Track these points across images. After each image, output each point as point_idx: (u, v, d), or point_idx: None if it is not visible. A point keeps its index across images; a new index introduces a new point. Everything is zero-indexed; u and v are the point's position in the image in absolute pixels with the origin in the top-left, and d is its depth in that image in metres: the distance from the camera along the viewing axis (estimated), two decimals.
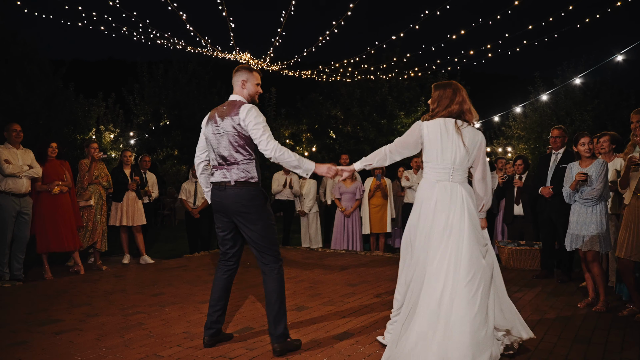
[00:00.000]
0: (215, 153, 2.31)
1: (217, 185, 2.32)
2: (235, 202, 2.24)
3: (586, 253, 3.11)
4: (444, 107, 2.21)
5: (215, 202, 2.33)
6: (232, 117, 2.25)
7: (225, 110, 2.30)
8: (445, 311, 1.96)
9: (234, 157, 2.26)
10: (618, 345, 2.41)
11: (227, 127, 2.25)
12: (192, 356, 2.23)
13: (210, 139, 2.33)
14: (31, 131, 8.56)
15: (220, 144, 2.28)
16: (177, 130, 13.24)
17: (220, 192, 2.29)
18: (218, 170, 2.31)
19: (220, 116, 2.29)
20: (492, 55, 6.56)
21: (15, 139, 3.94)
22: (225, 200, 2.27)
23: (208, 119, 2.37)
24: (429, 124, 2.21)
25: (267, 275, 2.28)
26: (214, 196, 2.34)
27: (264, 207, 2.27)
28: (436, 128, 2.17)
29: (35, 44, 9.87)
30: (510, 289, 3.71)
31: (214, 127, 2.31)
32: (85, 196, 4.47)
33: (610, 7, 4.77)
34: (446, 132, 2.16)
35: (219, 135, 2.28)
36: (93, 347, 2.32)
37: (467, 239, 2.05)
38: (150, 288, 3.67)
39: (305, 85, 12.46)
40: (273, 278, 2.26)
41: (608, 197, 3.16)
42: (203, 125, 2.41)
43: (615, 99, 12.77)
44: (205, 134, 2.38)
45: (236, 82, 2.39)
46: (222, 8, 5.60)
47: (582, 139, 3.20)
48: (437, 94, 2.26)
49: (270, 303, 2.25)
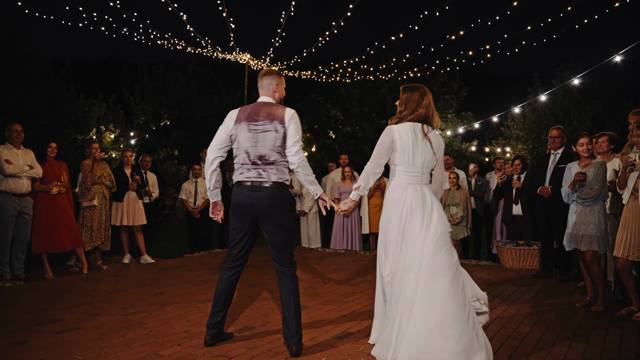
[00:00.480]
0: (250, 152, 2.26)
1: (248, 184, 2.26)
2: (269, 204, 2.23)
3: (585, 253, 3.12)
4: (411, 110, 2.28)
5: (242, 202, 2.27)
6: (276, 118, 2.27)
7: (265, 111, 2.29)
8: (441, 305, 2.03)
9: (274, 157, 2.25)
10: (616, 345, 2.42)
11: (269, 127, 2.25)
12: (192, 355, 2.24)
13: (243, 137, 2.28)
14: (32, 131, 8.58)
15: (259, 143, 2.25)
16: (177, 130, 13.26)
17: (252, 192, 2.24)
18: (251, 170, 2.26)
19: (259, 116, 2.28)
20: (491, 56, 6.59)
21: (16, 139, 3.95)
22: (258, 201, 2.23)
23: (240, 118, 2.32)
24: (400, 129, 2.26)
25: (285, 277, 2.28)
26: (240, 196, 2.27)
27: (292, 210, 2.34)
28: (408, 133, 2.25)
29: (35, 44, 9.90)
30: (509, 288, 3.72)
31: (251, 125, 2.27)
32: (89, 196, 4.49)
33: (609, 8, 4.79)
34: (416, 138, 2.26)
35: (258, 134, 2.26)
36: (94, 347, 2.33)
37: (442, 234, 2.17)
38: (150, 287, 3.67)
39: (305, 85, 12.48)
40: (291, 281, 2.27)
41: (606, 197, 3.17)
42: (230, 123, 2.33)
43: (613, 99, 12.82)
44: (233, 132, 2.32)
45: (266, 85, 2.40)
46: (222, 8, 5.61)
47: (580, 139, 3.21)
48: (405, 96, 2.32)
49: (287, 304, 2.25)
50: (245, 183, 2.27)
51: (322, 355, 2.25)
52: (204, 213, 5.56)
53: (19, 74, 9.17)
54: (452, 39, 5.80)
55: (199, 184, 5.56)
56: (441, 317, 1.99)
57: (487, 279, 4.10)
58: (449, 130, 13.85)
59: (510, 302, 3.27)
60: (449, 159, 5.72)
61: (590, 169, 3.13)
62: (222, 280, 2.35)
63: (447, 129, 13.88)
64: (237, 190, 2.31)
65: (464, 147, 14.22)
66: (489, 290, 3.62)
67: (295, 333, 2.24)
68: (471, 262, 4.97)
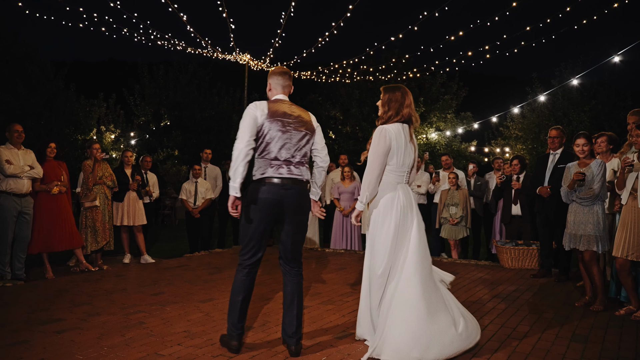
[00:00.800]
0: (282, 150, 2.22)
1: (277, 182, 2.21)
2: (298, 201, 2.24)
3: (584, 252, 3.13)
4: (396, 111, 2.34)
5: (273, 199, 2.21)
6: (307, 120, 2.31)
7: (296, 111, 2.30)
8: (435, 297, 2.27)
9: (304, 157, 2.30)
10: (615, 344, 2.42)
11: (302, 128, 2.28)
12: (192, 355, 2.24)
13: (275, 134, 2.22)
14: (32, 132, 8.59)
15: (292, 140, 2.25)
16: (177, 130, 13.27)
17: (285, 189, 2.21)
18: (283, 167, 2.22)
19: (291, 116, 2.27)
20: (490, 57, 6.61)
21: (16, 140, 3.96)
22: (288, 198, 2.21)
23: (271, 113, 2.24)
24: (393, 129, 2.31)
25: (292, 277, 2.27)
26: (270, 193, 2.21)
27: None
28: (400, 134, 2.32)
29: (36, 44, 9.92)
30: (508, 288, 3.73)
31: (285, 123, 2.24)
32: (91, 197, 4.50)
33: (607, 9, 4.81)
34: (404, 138, 2.33)
35: (296, 132, 2.26)
36: (94, 346, 2.33)
37: (422, 231, 2.36)
38: (150, 287, 3.68)
39: (305, 86, 12.51)
40: (298, 281, 2.28)
41: (605, 197, 3.18)
42: (259, 115, 2.23)
43: (612, 99, 12.86)
44: (267, 128, 2.22)
45: (283, 85, 2.37)
46: (223, 9, 5.63)
47: (577, 139, 3.22)
48: (387, 97, 2.36)
49: (290, 304, 2.25)
50: (274, 180, 2.21)
51: (321, 354, 2.26)
52: (204, 213, 5.57)
53: (19, 74, 9.20)
54: (451, 39, 5.82)
55: (199, 184, 5.57)
56: (426, 310, 2.18)
57: (486, 278, 4.11)
58: (448, 131, 13.88)
59: (509, 302, 3.28)
60: (449, 159, 5.73)
61: (589, 169, 3.14)
62: (245, 281, 2.25)
63: (447, 129, 13.91)
64: (263, 188, 2.22)
65: (463, 147, 14.24)
66: (488, 290, 3.64)
67: (294, 333, 2.24)
68: (470, 262, 4.97)
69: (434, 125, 13.80)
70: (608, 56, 5.51)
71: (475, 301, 3.30)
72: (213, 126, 13.24)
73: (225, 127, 13.03)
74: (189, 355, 2.23)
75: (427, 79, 13.51)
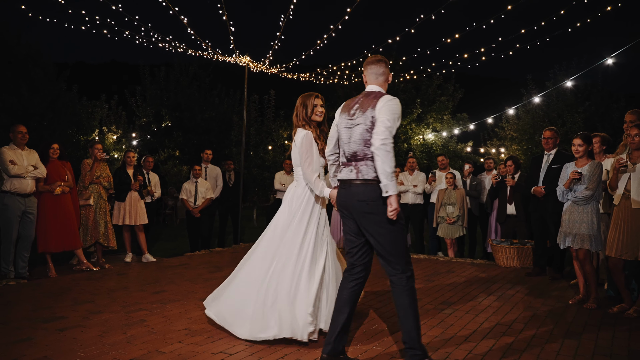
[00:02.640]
0: (346, 148, 2.14)
1: (342, 183, 2.15)
2: (360, 202, 2.05)
3: (578, 251, 3.17)
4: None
5: (341, 201, 2.15)
6: (369, 108, 2.08)
7: (362, 102, 2.13)
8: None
9: (365, 152, 2.07)
10: (608, 341, 2.45)
11: (360, 119, 2.08)
12: (193, 352, 2.27)
13: (342, 132, 2.16)
14: (35, 132, 8.65)
15: (351, 138, 2.11)
16: (178, 131, 13.33)
17: (344, 190, 2.12)
18: (345, 167, 2.14)
19: (354, 108, 2.13)
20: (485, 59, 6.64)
21: (20, 141, 4.01)
22: (350, 200, 2.09)
23: (341, 111, 2.20)
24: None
25: (396, 285, 2.04)
26: (339, 196, 2.16)
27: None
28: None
29: (39, 46, 10.00)
30: (503, 286, 3.77)
31: (347, 119, 2.14)
32: (85, 195, 4.54)
33: (601, 12, 4.85)
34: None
35: (351, 129, 2.11)
36: (96, 344, 2.36)
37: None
38: (152, 286, 3.71)
39: (304, 87, 12.56)
40: (403, 290, 2.01)
41: (600, 197, 3.23)
42: (337, 116, 2.22)
43: (605, 101, 12.94)
44: (337, 126, 2.20)
45: (377, 73, 2.17)
46: (223, 12, 5.68)
47: (574, 139, 3.27)
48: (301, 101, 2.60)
49: (403, 317, 2.02)
50: (341, 181, 2.16)
51: (320, 352, 2.26)
52: (205, 212, 5.62)
53: (22, 76, 9.26)
54: (447, 42, 5.87)
55: (199, 184, 5.62)
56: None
57: (482, 277, 4.14)
58: (444, 132, 13.95)
59: (504, 300, 3.31)
60: (445, 160, 5.79)
61: (586, 169, 3.18)
62: (340, 288, 2.15)
63: (443, 130, 13.97)
64: (338, 190, 2.19)
65: (460, 148, 14.31)
66: (484, 288, 3.68)
67: (414, 343, 1.99)
68: (466, 261, 5.01)
69: (430, 126, 13.85)
70: (601, 58, 5.56)
71: (471, 299, 3.33)
72: (213, 127, 13.29)
73: (226, 128, 13.08)
74: (189, 353, 2.26)
75: (423, 81, 13.57)
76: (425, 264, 4.79)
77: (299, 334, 2.34)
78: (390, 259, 2.04)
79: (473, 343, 2.42)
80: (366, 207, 2.04)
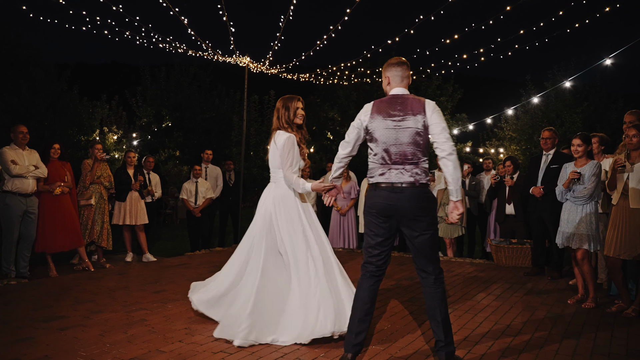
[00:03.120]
0: (389, 150, 2.08)
1: (388, 186, 2.08)
2: (414, 206, 2.04)
3: (576, 251, 3.17)
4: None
5: (384, 204, 2.08)
6: (418, 113, 2.09)
7: (403, 104, 2.11)
8: None
9: (417, 155, 2.08)
10: (607, 341, 2.46)
11: (411, 123, 2.08)
12: (193, 351, 2.27)
13: (382, 133, 2.10)
14: (36, 132, 8.69)
15: (399, 140, 2.08)
16: (178, 131, 13.36)
17: (394, 193, 2.06)
18: (393, 170, 2.08)
19: (397, 109, 2.10)
20: (484, 59, 6.67)
21: (21, 141, 4.03)
22: (401, 203, 2.05)
23: (375, 112, 2.13)
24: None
25: (430, 286, 2.08)
26: (380, 198, 2.09)
27: (436, 211, 2.18)
28: None
29: (40, 47, 10.03)
30: (502, 286, 3.78)
31: (391, 121, 2.09)
32: (86, 195, 4.56)
33: (599, 13, 4.87)
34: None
35: (400, 131, 2.08)
36: (97, 343, 2.37)
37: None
38: (152, 285, 3.73)
39: (303, 88, 12.61)
40: (438, 289, 2.07)
41: (599, 197, 3.24)
42: (365, 119, 2.15)
43: (604, 101, 13.03)
44: (371, 128, 2.13)
45: (402, 76, 2.19)
46: (223, 13, 5.71)
47: (573, 139, 3.28)
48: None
49: (435, 317, 2.06)
50: (383, 184, 2.09)
51: (320, 351, 2.29)
52: (205, 212, 5.63)
53: (23, 77, 9.30)
54: (447, 42, 5.89)
55: (200, 184, 5.64)
56: None
57: (481, 276, 4.15)
58: None
59: (503, 300, 3.32)
60: None
61: (585, 169, 3.19)
62: (364, 289, 2.13)
63: None
64: (374, 193, 2.12)
65: (459, 148, 14.39)
66: (483, 288, 3.68)
67: (443, 346, 2.05)
68: (465, 260, 5.02)
69: None
70: (600, 59, 5.59)
71: (470, 299, 3.34)
72: (213, 127, 13.33)
73: (226, 128, 13.11)
74: (189, 352, 2.26)
75: (423, 81, 13.60)
76: None
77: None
78: (428, 262, 2.09)
79: (472, 342, 2.43)
80: (420, 211, 2.05)
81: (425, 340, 2.47)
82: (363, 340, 2.13)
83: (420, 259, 2.11)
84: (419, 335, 2.54)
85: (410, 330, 2.63)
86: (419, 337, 2.51)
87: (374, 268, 2.14)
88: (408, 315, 2.91)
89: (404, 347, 2.38)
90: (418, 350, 2.33)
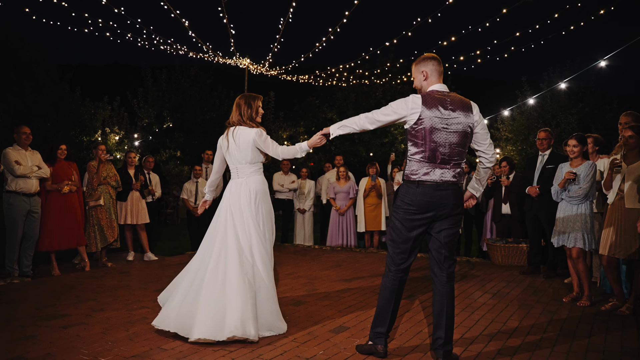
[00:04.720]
0: (438, 150, 2.03)
1: (432, 184, 2.05)
2: (455, 203, 2.08)
3: (571, 249, 3.20)
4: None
5: (429, 202, 2.05)
6: (467, 113, 2.05)
7: (453, 102, 2.05)
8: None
9: (462, 156, 2.10)
10: (601, 338, 2.48)
11: (462, 123, 2.05)
12: (193, 349, 2.30)
13: (433, 131, 2.02)
14: (39, 133, 8.76)
15: (448, 140, 2.04)
16: (179, 132, 13.43)
17: (438, 191, 2.05)
18: (439, 169, 2.05)
19: (448, 107, 2.03)
20: (481, 61, 6.71)
21: (24, 142, 4.07)
22: (445, 200, 2.06)
23: (428, 106, 2.02)
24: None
25: (443, 284, 2.10)
26: (424, 196, 2.05)
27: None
28: (224, 138, 2.77)
29: (43, 49, 10.11)
30: (498, 284, 3.80)
31: (444, 119, 2.02)
32: (95, 196, 4.61)
33: (594, 15, 4.91)
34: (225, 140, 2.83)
35: (451, 130, 2.04)
36: (99, 341, 2.39)
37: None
38: (153, 284, 3.76)
39: (303, 89, 12.68)
40: (450, 287, 2.10)
41: (594, 197, 3.27)
42: (416, 110, 2.02)
43: (599, 102, 13.14)
44: (423, 123, 2.02)
45: (440, 71, 2.14)
46: (223, 15, 5.77)
47: (568, 140, 3.31)
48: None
49: (442, 314, 2.08)
50: (428, 182, 2.06)
51: (318, 348, 2.32)
52: (205, 212, 5.66)
53: (27, 78, 9.37)
54: (443, 44, 5.93)
55: (200, 184, 5.69)
56: None
57: (477, 275, 4.18)
58: None
59: (499, 298, 3.35)
60: None
61: (580, 169, 3.22)
62: (392, 289, 2.14)
63: None
64: (416, 190, 2.07)
65: None
66: (479, 286, 3.71)
67: (448, 345, 2.07)
68: (462, 259, 5.05)
69: None
70: (594, 61, 5.62)
71: (466, 297, 3.37)
72: (214, 128, 13.40)
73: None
74: (190, 350, 2.29)
75: None
76: (422, 262, 4.84)
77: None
78: (447, 257, 2.13)
79: (468, 340, 2.45)
80: (458, 208, 2.12)
81: (422, 338, 2.50)
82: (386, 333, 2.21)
83: (441, 255, 2.12)
84: (416, 333, 2.57)
85: (408, 327, 2.67)
86: (416, 335, 2.54)
87: (399, 271, 2.16)
88: (406, 313, 2.95)
89: (401, 345, 2.40)
90: (415, 348, 2.36)
